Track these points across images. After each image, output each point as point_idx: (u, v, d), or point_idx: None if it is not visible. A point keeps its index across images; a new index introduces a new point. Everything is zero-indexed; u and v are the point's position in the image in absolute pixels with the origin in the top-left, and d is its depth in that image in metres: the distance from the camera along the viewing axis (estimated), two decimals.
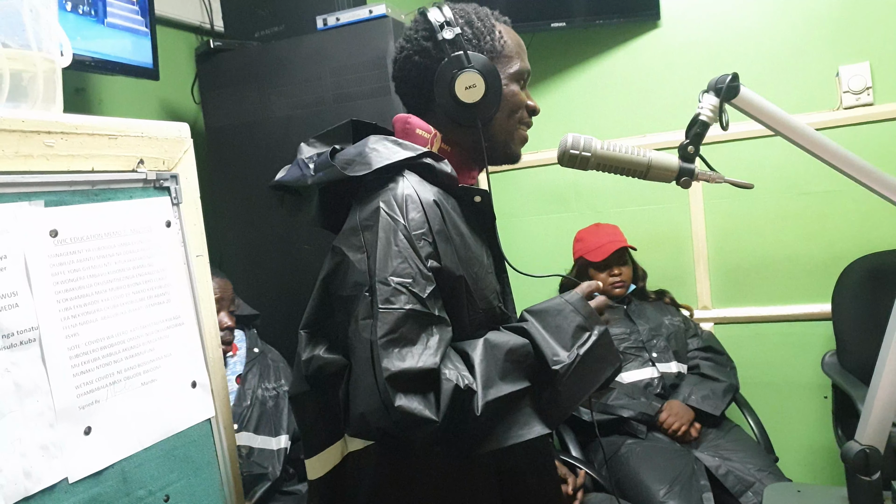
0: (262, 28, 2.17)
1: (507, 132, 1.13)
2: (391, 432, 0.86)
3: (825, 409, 2.34)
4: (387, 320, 0.88)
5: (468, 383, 0.88)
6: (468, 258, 1.01)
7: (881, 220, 2.29)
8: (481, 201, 1.06)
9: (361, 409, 0.88)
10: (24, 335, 0.80)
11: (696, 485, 1.83)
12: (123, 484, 0.91)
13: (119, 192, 0.96)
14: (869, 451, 1.20)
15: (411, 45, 1.11)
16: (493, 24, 1.12)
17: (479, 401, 0.88)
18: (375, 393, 0.85)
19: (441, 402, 0.86)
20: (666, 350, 2.22)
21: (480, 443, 0.90)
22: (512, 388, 0.91)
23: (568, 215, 2.72)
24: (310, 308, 1.00)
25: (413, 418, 0.84)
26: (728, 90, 1.22)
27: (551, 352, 0.95)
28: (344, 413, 0.93)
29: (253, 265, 2.08)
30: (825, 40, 2.35)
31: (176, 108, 2.24)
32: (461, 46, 1.06)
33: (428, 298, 0.91)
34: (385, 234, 0.93)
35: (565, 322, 0.99)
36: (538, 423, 0.93)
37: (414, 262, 0.92)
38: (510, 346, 0.94)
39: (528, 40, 2.59)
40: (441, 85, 1.07)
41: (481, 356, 0.92)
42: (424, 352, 0.88)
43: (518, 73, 1.13)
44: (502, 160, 1.15)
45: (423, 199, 0.98)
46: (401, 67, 1.14)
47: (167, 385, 0.99)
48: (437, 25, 1.07)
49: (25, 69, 0.89)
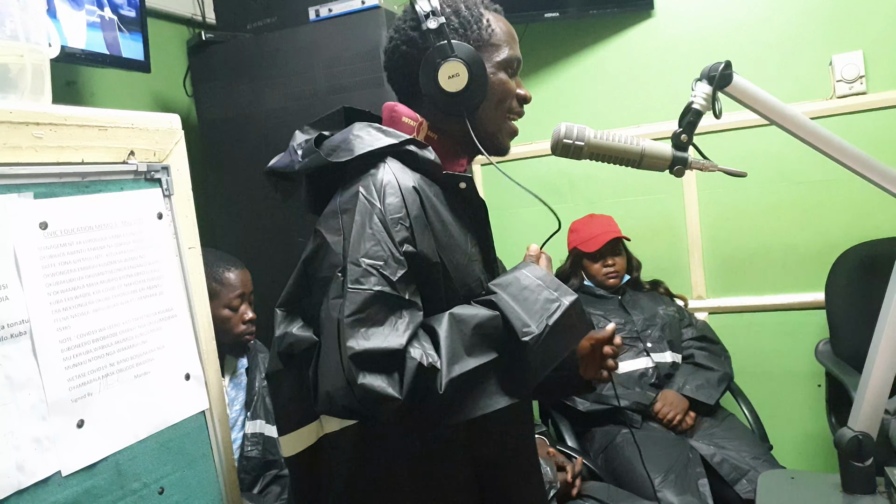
0: (254, 20, 2.15)
1: (494, 122, 1.12)
2: (355, 410, 0.87)
3: (819, 397, 2.35)
4: (354, 300, 0.89)
5: (432, 361, 0.88)
6: (449, 245, 1.01)
7: (874, 209, 2.30)
8: (466, 188, 1.06)
9: (327, 388, 0.88)
10: (14, 328, 0.80)
11: (691, 473, 1.84)
12: (117, 477, 0.91)
13: (110, 184, 0.95)
14: (862, 438, 1.21)
15: (399, 35, 1.11)
16: (480, 12, 1.11)
17: (442, 378, 0.88)
18: (340, 371, 0.86)
19: (404, 381, 0.86)
20: (660, 340, 2.23)
21: (447, 414, 0.91)
22: (478, 361, 0.92)
23: (562, 206, 2.71)
24: (288, 287, 1.02)
25: (375, 395, 0.85)
26: (721, 78, 1.22)
27: (521, 323, 0.95)
28: (313, 391, 0.93)
29: (246, 257, 2.07)
30: (818, 29, 2.35)
31: (168, 100, 2.23)
32: (445, 36, 1.06)
33: (398, 282, 0.92)
34: (361, 217, 0.94)
35: (533, 294, 0.99)
36: (503, 394, 0.94)
37: (387, 245, 0.93)
38: (478, 320, 0.94)
39: (521, 31, 2.59)
40: (426, 74, 1.07)
41: (447, 331, 0.92)
42: (392, 333, 0.88)
43: (506, 61, 1.12)
44: (491, 151, 1.15)
45: (403, 185, 0.98)
46: (389, 57, 1.14)
47: (160, 377, 0.99)
48: (422, 15, 1.07)
49: (13, 60, 0.88)
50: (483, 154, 1.11)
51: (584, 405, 2.10)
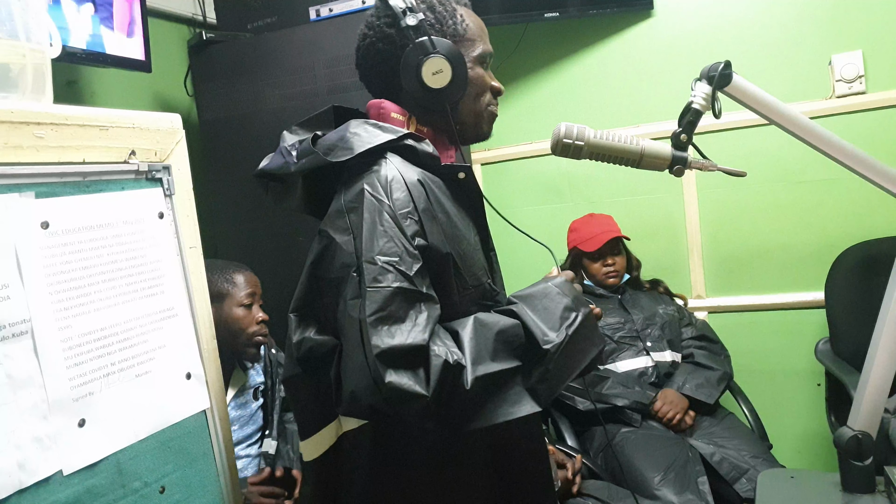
0: (254, 19, 2.16)
1: (474, 114, 1.13)
2: (382, 409, 0.87)
3: (819, 397, 2.36)
4: (375, 299, 0.89)
5: (457, 358, 0.89)
6: (455, 236, 1.02)
7: (873, 209, 2.30)
8: (465, 177, 1.06)
9: (352, 388, 0.88)
10: (16, 327, 0.80)
11: (690, 471, 1.84)
12: (118, 476, 0.91)
13: (111, 184, 0.95)
14: (861, 437, 1.21)
15: (374, 33, 1.11)
16: (454, 7, 1.12)
17: (468, 375, 0.89)
18: (366, 370, 0.86)
19: (431, 378, 0.86)
20: (660, 339, 2.23)
21: (471, 419, 0.91)
22: (502, 366, 0.93)
23: (562, 205, 2.72)
24: (298, 291, 1.01)
25: (403, 394, 0.85)
26: (721, 78, 1.22)
27: (541, 332, 0.96)
28: (336, 393, 0.93)
29: (247, 257, 2.07)
30: (818, 29, 2.35)
31: (169, 100, 2.23)
32: (425, 32, 1.06)
33: (415, 276, 0.92)
34: (370, 215, 0.94)
35: (552, 304, 1.00)
36: (528, 401, 0.94)
37: (400, 241, 0.93)
38: (500, 327, 0.95)
39: (521, 31, 2.60)
40: (407, 71, 1.07)
41: (471, 334, 0.93)
42: (413, 328, 0.88)
43: (481, 55, 1.13)
44: (473, 140, 1.17)
45: (408, 180, 0.99)
46: (364, 55, 1.13)
47: (161, 377, 0.99)
48: (399, 11, 1.07)
49: (14, 60, 0.88)
50: (457, 148, 1.12)
51: (583, 404, 2.10)
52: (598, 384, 2.11)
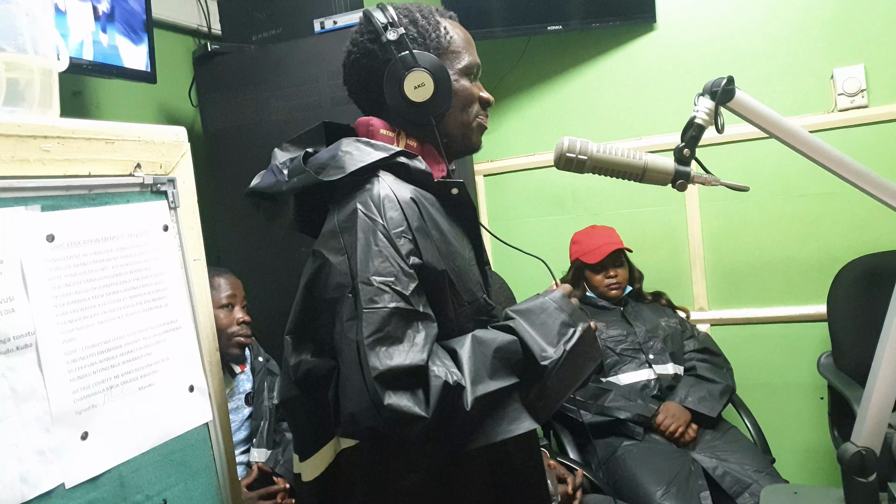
0: (259, 31, 2.17)
1: (462, 125, 1.13)
2: (382, 431, 0.86)
3: (821, 411, 2.35)
4: (372, 320, 0.88)
5: (457, 379, 0.88)
6: (449, 252, 1.01)
7: (875, 223, 2.30)
8: (458, 193, 1.06)
9: (351, 409, 0.88)
10: (20, 340, 0.80)
11: (693, 486, 1.84)
12: (121, 489, 0.91)
13: (116, 197, 0.96)
14: (865, 453, 1.20)
15: (358, 49, 1.11)
16: (437, 20, 1.11)
17: (468, 396, 0.88)
18: (365, 392, 0.86)
19: (430, 399, 0.86)
20: (662, 352, 2.22)
21: (471, 438, 0.91)
22: (500, 384, 0.92)
23: (564, 217, 2.72)
24: (294, 313, 1.00)
25: (403, 416, 0.84)
26: (723, 93, 1.23)
27: (539, 348, 0.96)
28: (334, 415, 0.93)
29: (251, 269, 2.08)
30: (820, 43, 2.36)
31: (174, 111, 2.24)
32: (406, 46, 1.06)
33: (411, 295, 0.92)
34: (364, 235, 0.94)
35: (550, 319, 1.00)
36: (527, 417, 0.94)
37: (395, 261, 0.93)
38: (498, 344, 0.95)
39: (524, 44, 2.61)
40: (391, 86, 1.07)
41: (469, 353, 0.93)
42: (412, 349, 0.88)
43: (467, 67, 1.12)
44: (463, 152, 1.16)
45: (401, 198, 0.98)
46: (350, 72, 1.14)
47: (164, 389, 0.99)
48: (380, 27, 1.07)
49: (22, 73, 0.89)
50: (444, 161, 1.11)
51: (585, 417, 2.10)
52: (600, 397, 2.11)
